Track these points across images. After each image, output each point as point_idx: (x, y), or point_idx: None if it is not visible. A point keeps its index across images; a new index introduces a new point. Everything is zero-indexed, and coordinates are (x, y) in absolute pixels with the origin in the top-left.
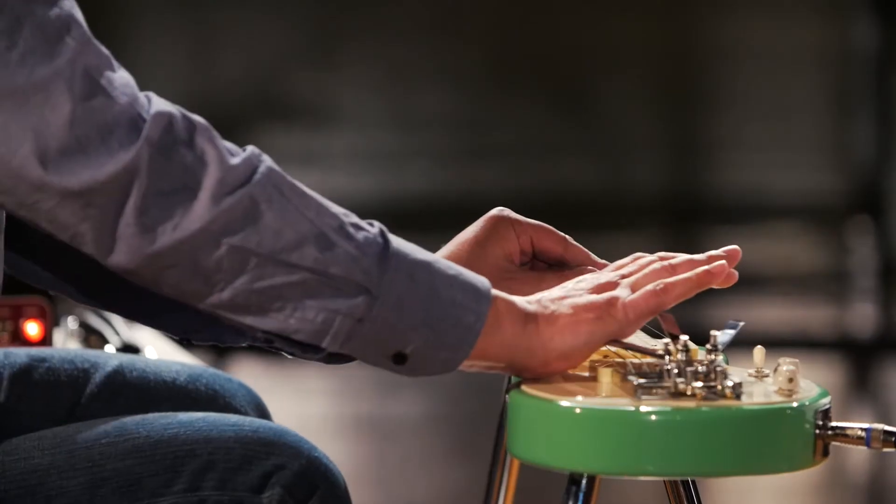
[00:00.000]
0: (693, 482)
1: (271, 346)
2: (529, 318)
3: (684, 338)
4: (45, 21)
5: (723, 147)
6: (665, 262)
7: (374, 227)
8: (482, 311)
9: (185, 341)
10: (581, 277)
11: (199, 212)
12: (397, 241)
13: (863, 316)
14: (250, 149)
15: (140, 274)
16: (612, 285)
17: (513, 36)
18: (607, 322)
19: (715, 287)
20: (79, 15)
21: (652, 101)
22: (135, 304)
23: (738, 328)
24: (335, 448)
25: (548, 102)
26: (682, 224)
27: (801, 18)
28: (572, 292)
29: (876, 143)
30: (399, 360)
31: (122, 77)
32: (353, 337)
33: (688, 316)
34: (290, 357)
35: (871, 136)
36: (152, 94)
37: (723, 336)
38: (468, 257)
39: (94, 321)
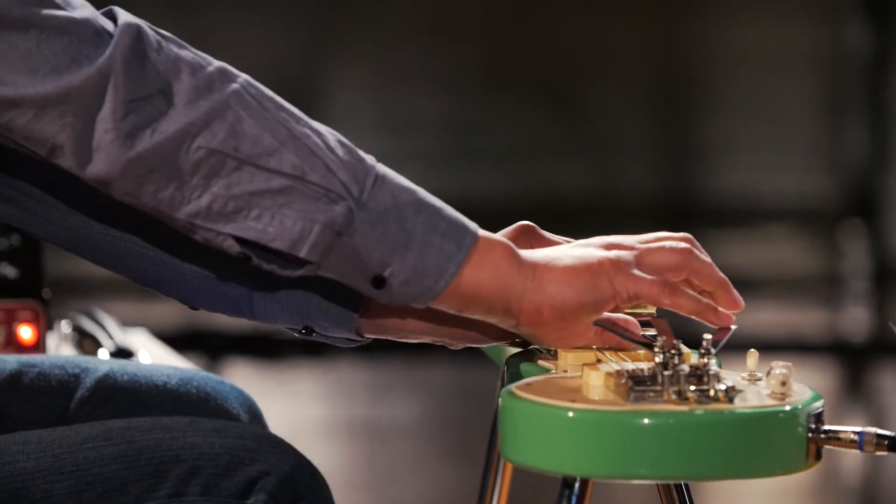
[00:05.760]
0: (686, 485)
1: (250, 269)
2: (526, 262)
3: (677, 341)
4: None
5: (715, 150)
6: (691, 249)
7: (367, 155)
8: (465, 244)
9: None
10: (598, 239)
11: (176, 115)
12: (388, 170)
13: (856, 319)
14: (224, 64)
15: (119, 183)
16: (622, 247)
17: (506, 39)
18: (602, 284)
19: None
20: None
21: (644, 105)
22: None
23: (731, 331)
24: (327, 451)
25: (540, 106)
26: (674, 227)
27: (794, 22)
28: (578, 247)
29: (869, 146)
30: (378, 284)
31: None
32: (332, 251)
33: (681, 318)
34: (267, 269)
35: (863, 139)
36: (118, 8)
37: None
38: None
39: (88, 325)
